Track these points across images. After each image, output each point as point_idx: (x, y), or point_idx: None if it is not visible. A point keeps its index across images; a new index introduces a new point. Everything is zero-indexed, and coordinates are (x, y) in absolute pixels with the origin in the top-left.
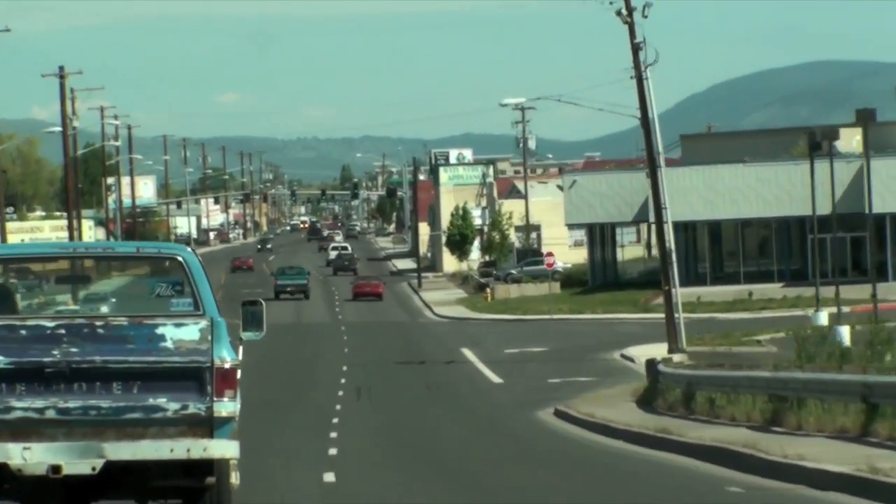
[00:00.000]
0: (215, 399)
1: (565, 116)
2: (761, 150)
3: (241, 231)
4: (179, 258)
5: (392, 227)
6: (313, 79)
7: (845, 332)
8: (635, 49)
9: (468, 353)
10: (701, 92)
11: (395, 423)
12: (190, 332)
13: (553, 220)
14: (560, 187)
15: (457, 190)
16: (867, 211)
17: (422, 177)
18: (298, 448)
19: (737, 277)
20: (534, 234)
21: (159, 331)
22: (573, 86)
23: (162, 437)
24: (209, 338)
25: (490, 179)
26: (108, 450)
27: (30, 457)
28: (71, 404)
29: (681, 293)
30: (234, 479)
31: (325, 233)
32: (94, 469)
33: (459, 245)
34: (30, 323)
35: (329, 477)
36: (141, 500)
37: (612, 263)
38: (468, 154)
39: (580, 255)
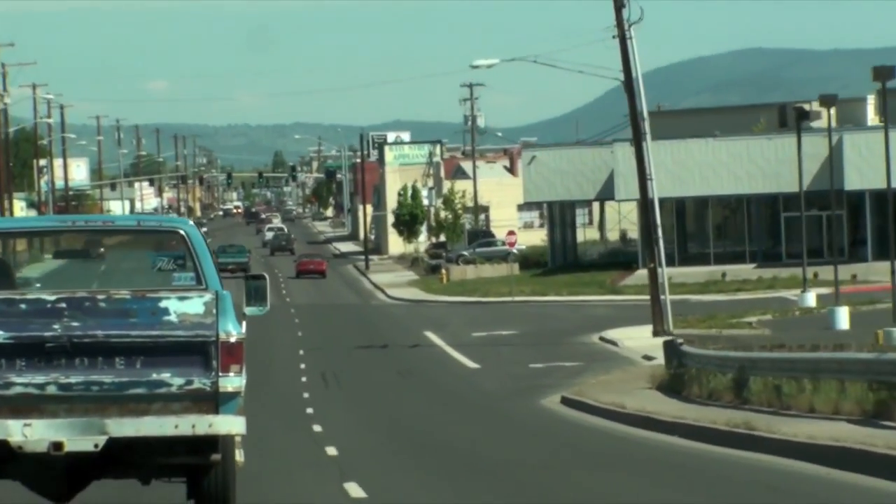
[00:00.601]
0: (221, 374)
1: (499, 103)
2: (720, 128)
3: (174, 215)
4: (181, 231)
5: (329, 212)
6: (244, 64)
7: (843, 314)
8: (618, 6)
9: (433, 337)
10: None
11: (382, 414)
12: (194, 305)
13: (501, 201)
14: (508, 168)
15: (402, 170)
16: (886, 186)
17: (357, 161)
18: (287, 445)
19: (706, 258)
20: (482, 216)
21: (163, 304)
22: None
23: (166, 413)
24: (214, 311)
25: (437, 159)
26: (110, 426)
27: (30, 433)
28: (72, 380)
29: (644, 274)
30: (239, 456)
31: (263, 216)
32: (96, 446)
33: (409, 225)
34: (30, 297)
35: (355, 490)
36: (144, 478)
37: (573, 244)
38: (406, 137)
39: (531, 237)
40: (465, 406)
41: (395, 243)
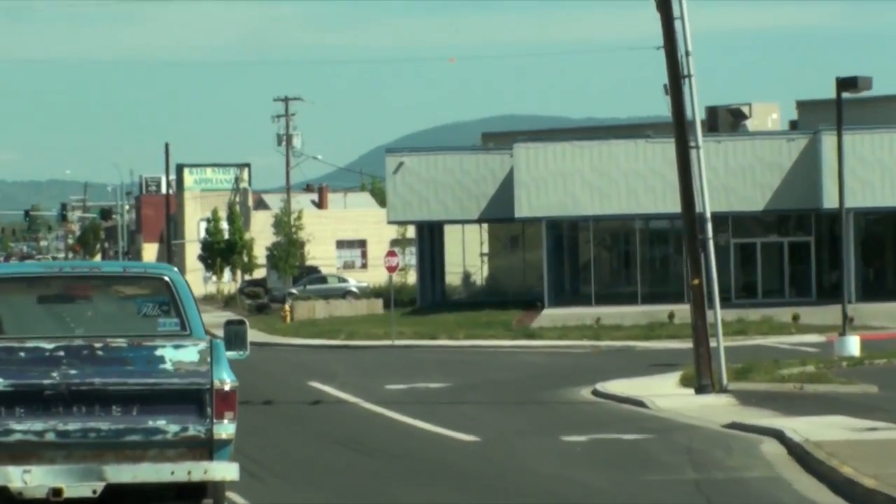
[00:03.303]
0: (215, 421)
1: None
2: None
3: None
4: (166, 278)
5: (98, 258)
6: None
7: None
8: None
9: (329, 389)
10: (389, 142)
11: None
12: (189, 353)
13: (319, 237)
14: (316, 203)
15: (204, 197)
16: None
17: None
18: None
19: (633, 296)
20: (298, 252)
21: (159, 353)
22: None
23: (162, 460)
24: (208, 360)
25: (245, 185)
26: (108, 473)
27: (30, 479)
28: (70, 427)
29: (557, 315)
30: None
31: (38, 258)
32: (94, 492)
33: (225, 256)
34: (29, 345)
35: None
36: None
37: (441, 278)
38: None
39: (359, 276)
40: None
41: (195, 282)
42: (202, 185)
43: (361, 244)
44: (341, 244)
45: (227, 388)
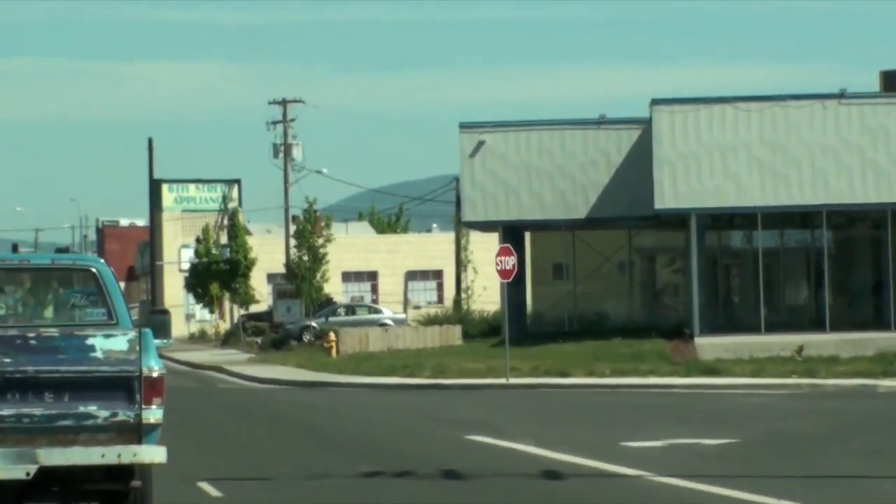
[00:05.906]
0: (144, 406)
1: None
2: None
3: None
4: (93, 269)
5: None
6: None
7: None
8: None
9: (531, 449)
10: (414, 180)
11: None
12: (119, 342)
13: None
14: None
15: (187, 219)
16: None
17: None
18: None
19: (816, 320)
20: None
21: (89, 341)
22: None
23: (93, 444)
24: (137, 348)
25: (235, 204)
26: (41, 455)
27: None
28: (4, 412)
29: (720, 344)
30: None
31: None
32: (28, 474)
33: (226, 281)
34: None
35: None
36: (66, 502)
37: (522, 302)
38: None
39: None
40: None
41: (176, 322)
42: (183, 204)
43: (371, 276)
44: (348, 276)
45: (155, 374)
